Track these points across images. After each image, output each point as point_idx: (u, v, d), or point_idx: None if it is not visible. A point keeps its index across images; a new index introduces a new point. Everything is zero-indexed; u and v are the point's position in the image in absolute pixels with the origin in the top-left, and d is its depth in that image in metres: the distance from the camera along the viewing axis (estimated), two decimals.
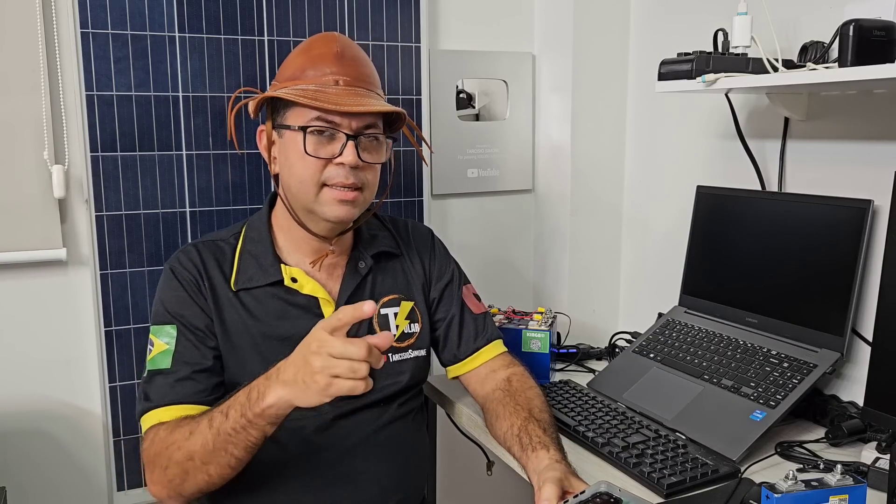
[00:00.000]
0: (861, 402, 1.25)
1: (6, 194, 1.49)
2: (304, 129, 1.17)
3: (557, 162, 1.96)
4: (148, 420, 1.16)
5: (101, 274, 1.58)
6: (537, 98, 2.00)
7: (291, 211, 1.24)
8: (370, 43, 1.76)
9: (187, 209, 1.64)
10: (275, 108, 1.24)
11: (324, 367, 0.94)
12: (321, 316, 1.25)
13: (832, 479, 0.93)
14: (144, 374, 1.20)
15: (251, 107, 1.26)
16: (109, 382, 1.61)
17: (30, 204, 1.51)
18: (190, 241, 1.64)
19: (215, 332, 1.21)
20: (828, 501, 0.92)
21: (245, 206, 1.69)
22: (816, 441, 1.27)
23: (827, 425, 1.31)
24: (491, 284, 1.93)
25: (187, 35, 1.60)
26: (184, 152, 1.63)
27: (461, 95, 1.93)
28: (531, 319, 1.62)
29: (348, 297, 1.28)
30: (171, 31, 1.58)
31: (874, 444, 1.21)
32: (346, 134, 1.17)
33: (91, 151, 1.55)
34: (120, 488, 1.64)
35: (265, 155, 1.26)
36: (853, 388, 1.37)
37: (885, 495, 1.07)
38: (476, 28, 1.92)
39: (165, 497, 1.14)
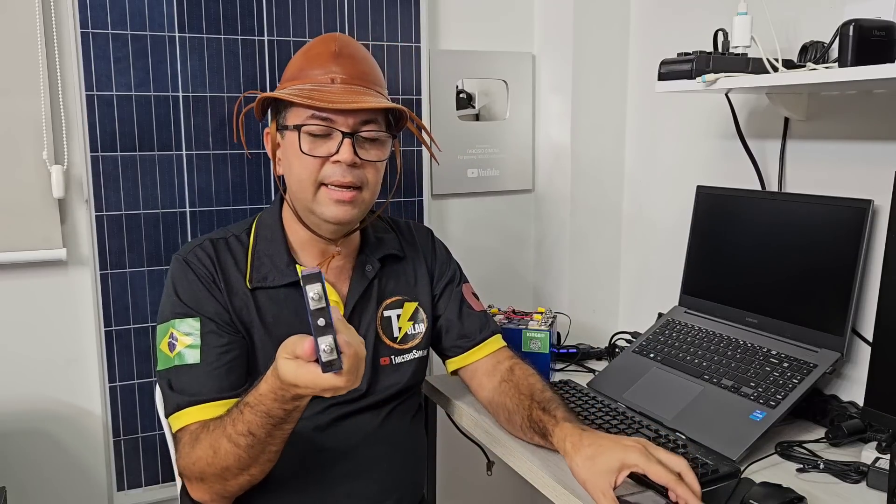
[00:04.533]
0: (861, 402, 1.25)
1: (6, 194, 1.49)
2: (299, 127, 1.17)
3: (557, 162, 1.96)
4: (181, 419, 1.14)
5: (101, 274, 1.58)
6: (537, 98, 2.00)
7: (296, 212, 1.24)
8: (370, 43, 1.76)
9: (187, 209, 1.64)
10: (278, 110, 1.24)
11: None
12: None
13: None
14: (167, 369, 1.17)
15: (255, 110, 1.27)
16: (109, 382, 1.61)
17: (30, 204, 1.51)
18: (190, 241, 1.63)
19: (234, 325, 1.21)
20: None
21: (245, 206, 1.69)
22: (816, 441, 1.27)
23: (827, 425, 1.31)
24: (491, 284, 1.93)
25: (187, 35, 1.60)
26: (184, 152, 1.63)
27: (461, 95, 1.93)
28: (531, 319, 1.62)
29: (357, 299, 1.28)
30: (171, 31, 1.58)
31: (874, 444, 1.21)
32: (341, 132, 1.17)
33: (91, 151, 1.55)
34: (120, 488, 1.65)
35: (271, 156, 1.27)
36: (853, 388, 1.37)
37: (885, 495, 1.07)
38: (476, 28, 1.92)
39: (209, 501, 1.14)
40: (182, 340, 1.17)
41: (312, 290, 0.81)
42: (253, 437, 1.03)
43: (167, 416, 1.17)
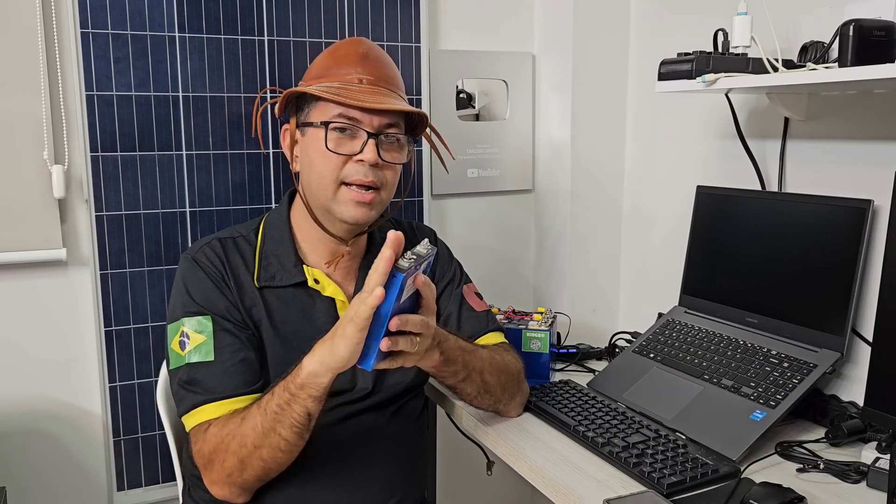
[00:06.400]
0: (861, 402, 1.25)
1: (6, 194, 1.49)
2: (326, 124, 1.18)
3: (557, 162, 1.96)
4: (197, 416, 1.14)
5: (101, 274, 1.58)
6: (537, 98, 2.00)
7: (310, 210, 1.25)
8: None
9: (187, 209, 1.64)
10: (299, 107, 1.25)
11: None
12: (337, 317, 1.25)
13: (423, 249, 1.00)
14: (180, 367, 1.17)
15: (278, 105, 1.27)
16: (109, 382, 1.61)
17: (30, 204, 1.51)
18: (190, 241, 1.64)
19: (245, 322, 1.21)
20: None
21: (245, 207, 1.69)
22: (816, 441, 1.27)
23: (827, 425, 1.31)
24: (491, 284, 1.93)
25: (187, 35, 1.60)
26: (184, 152, 1.63)
27: (461, 95, 1.93)
28: (531, 319, 1.62)
29: None
30: (171, 31, 1.58)
31: (874, 444, 1.21)
32: (367, 132, 1.18)
33: (91, 151, 1.55)
34: (120, 488, 1.65)
35: (287, 153, 1.28)
36: (853, 388, 1.37)
37: (885, 495, 1.07)
38: (476, 28, 1.92)
39: (227, 494, 1.14)
40: (194, 339, 1.18)
41: None
42: (270, 396, 1.08)
43: (181, 415, 1.17)
